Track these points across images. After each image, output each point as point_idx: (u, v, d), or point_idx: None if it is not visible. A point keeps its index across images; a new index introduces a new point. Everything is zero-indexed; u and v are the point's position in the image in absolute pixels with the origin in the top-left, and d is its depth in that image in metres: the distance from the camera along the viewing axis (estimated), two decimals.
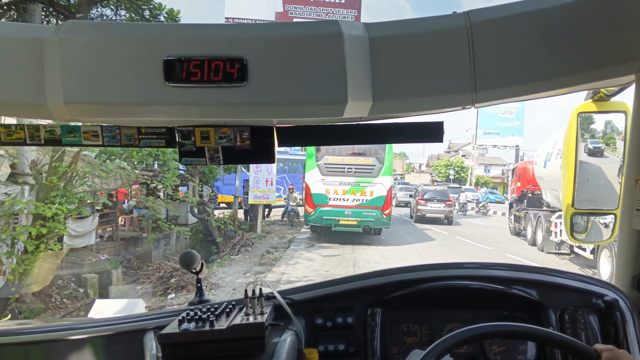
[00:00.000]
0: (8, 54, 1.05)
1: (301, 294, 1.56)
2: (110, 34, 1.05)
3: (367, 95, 1.09)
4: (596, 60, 1.09)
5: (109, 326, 1.52)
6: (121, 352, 1.48)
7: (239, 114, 1.11)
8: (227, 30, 1.07)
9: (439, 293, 1.52)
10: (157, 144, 1.29)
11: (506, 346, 1.47)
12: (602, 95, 1.70)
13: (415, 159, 72.30)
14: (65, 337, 1.50)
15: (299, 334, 1.42)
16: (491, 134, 41.42)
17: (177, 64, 1.02)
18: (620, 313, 1.38)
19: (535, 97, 1.21)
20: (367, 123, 1.29)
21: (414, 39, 1.10)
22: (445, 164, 54.78)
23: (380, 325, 1.50)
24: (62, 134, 1.25)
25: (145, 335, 1.45)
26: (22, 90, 1.06)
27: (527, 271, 1.53)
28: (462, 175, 52.16)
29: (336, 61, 1.04)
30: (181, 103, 1.05)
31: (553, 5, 1.08)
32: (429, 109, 1.20)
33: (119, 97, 1.04)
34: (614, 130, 2.00)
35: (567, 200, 1.88)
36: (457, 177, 51.69)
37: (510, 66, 1.10)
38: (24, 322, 3.97)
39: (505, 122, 40.59)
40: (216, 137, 1.25)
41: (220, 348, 1.24)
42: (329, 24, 1.05)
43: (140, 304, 5.08)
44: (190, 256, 1.62)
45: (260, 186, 15.48)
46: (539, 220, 13.86)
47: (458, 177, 51.88)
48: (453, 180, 49.43)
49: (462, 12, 1.12)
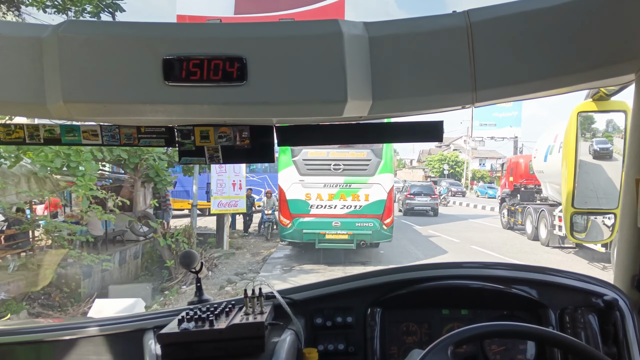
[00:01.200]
0: (7, 53, 1.05)
1: (301, 293, 1.56)
2: (109, 33, 1.05)
3: (367, 95, 1.09)
4: (596, 59, 1.09)
5: (109, 326, 1.52)
6: (121, 352, 1.48)
7: (239, 113, 1.11)
8: (227, 29, 1.07)
9: (439, 293, 1.52)
10: (156, 143, 1.29)
11: (506, 346, 1.47)
12: (602, 94, 1.70)
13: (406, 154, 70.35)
14: (65, 336, 1.50)
15: (299, 333, 1.42)
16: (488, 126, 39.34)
17: (176, 63, 1.02)
18: (620, 313, 1.38)
19: (535, 96, 1.21)
20: (366, 122, 1.29)
21: (413, 39, 1.10)
22: (439, 158, 52.90)
23: (379, 325, 1.50)
24: (61, 133, 1.25)
25: (145, 334, 1.45)
26: (22, 90, 1.06)
27: (526, 271, 1.53)
28: (457, 170, 50.49)
29: (336, 60, 1.04)
30: (181, 102, 1.05)
31: (553, 5, 1.08)
32: (428, 108, 1.20)
33: (119, 97, 1.04)
34: (615, 129, 1.99)
35: (567, 200, 1.88)
36: (452, 172, 50.01)
37: (510, 65, 1.10)
38: (23, 322, 3.98)
39: (503, 113, 39.20)
40: (216, 136, 1.25)
41: (220, 347, 1.24)
42: (329, 24, 1.05)
43: (139, 303, 5.10)
44: (190, 256, 1.62)
45: (226, 191, 12.18)
46: (542, 215, 13.72)
47: (453, 171, 50.20)
48: (448, 176, 48.16)
49: (461, 11, 1.12)
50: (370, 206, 10.47)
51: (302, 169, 10.47)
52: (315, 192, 10.47)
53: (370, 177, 10.39)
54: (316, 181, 10.45)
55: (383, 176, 10.46)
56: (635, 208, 1.32)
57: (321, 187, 10.46)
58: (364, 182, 10.41)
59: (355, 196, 10.50)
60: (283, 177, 10.62)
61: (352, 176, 10.42)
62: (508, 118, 39.14)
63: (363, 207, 10.49)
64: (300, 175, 10.46)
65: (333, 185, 10.47)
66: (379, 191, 10.43)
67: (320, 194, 10.46)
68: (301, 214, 10.51)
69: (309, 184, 10.47)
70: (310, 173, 10.43)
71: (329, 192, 10.48)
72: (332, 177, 10.42)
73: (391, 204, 10.65)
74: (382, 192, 10.42)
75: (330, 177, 10.43)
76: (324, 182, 10.45)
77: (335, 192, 10.47)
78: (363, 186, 10.44)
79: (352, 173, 10.42)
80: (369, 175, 10.39)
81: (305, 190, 10.49)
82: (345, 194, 10.47)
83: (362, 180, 10.41)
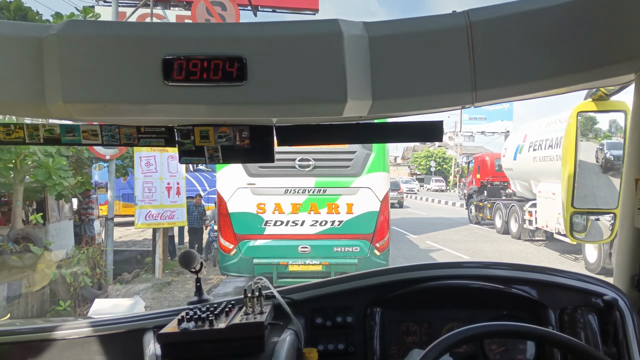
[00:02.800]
0: (7, 53, 1.05)
1: (301, 293, 1.56)
2: (109, 33, 1.05)
3: (367, 95, 1.09)
4: (596, 59, 1.09)
5: (108, 326, 1.52)
6: (120, 352, 1.48)
7: (239, 113, 1.11)
8: (227, 29, 1.07)
9: (439, 292, 1.52)
10: (156, 143, 1.30)
11: (505, 346, 1.47)
12: (601, 94, 1.70)
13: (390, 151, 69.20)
14: (65, 336, 1.50)
15: (299, 333, 1.42)
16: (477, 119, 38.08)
17: (176, 63, 1.02)
18: (620, 312, 1.38)
19: (535, 96, 1.21)
20: (366, 122, 1.29)
21: (413, 38, 1.10)
22: (425, 155, 52.25)
23: (379, 325, 1.50)
24: (61, 133, 1.25)
25: (145, 334, 1.45)
26: (21, 90, 1.06)
27: (526, 270, 1.53)
28: (444, 167, 49.79)
29: (335, 60, 1.04)
30: (180, 102, 1.05)
31: (553, 4, 1.08)
32: (428, 108, 1.20)
33: (118, 96, 1.04)
34: (618, 129, 1.98)
35: (567, 200, 1.88)
36: (439, 169, 49.31)
37: (509, 65, 1.10)
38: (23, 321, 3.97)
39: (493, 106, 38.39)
40: (215, 136, 1.25)
41: (220, 347, 1.24)
42: (329, 24, 1.05)
43: (139, 303, 5.08)
44: (189, 256, 1.62)
45: (157, 197, 9.14)
46: (512, 210, 14.98)
47: (440, 168, 49.55)
48: (435, 173, 47.86)
49: (461, 11, 1.12)
50: (356, 221, 6.89)
51: (251, 167, 6.85)
52: (271, 202, 6.88)
53: (355, 177, 6.90)
54: (273, 184, 6.85)
55: (374, 176, 6.91)
56: (634, 208, 1.32)
57: (281, 193, 6.87)
58: (345, 184, 6.90)
59: (333, 207, 6.91)
60: (223, 179, 6.98)
61: (328, 176, 6.89)
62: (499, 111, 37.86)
63: (344, 223, 6.91)
64: (249, 177, 6.85)
65: (299, 191, 6.89)
66: (369, 199, 6.88)
67: (280, 205, 6.88)
68: (251, 234, 6.92)
69: (263, 189, 6.87)
70: (265, 173, 6.82)
71: (292, 202, 6.89)
72: (298, 178, 6.84)
73: (386, 217, 7.03)
74: (373, 200, 6.89)
75: (294, 178, 6.85)
76: (286, 187, 6.87)
77: (302, 200, 6.88)
78: (345, 191, 6.91)
79: (328, 172, 6.88)
80: (353, 175, 6.89)
81: (256, 199, 6.86)
82: (318, 203, 6.88)
83: (343, 183, 6.90)
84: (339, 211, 6.95)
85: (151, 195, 9.15)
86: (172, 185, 9.35)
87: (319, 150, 6.89)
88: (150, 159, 9.14)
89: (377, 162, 6.95)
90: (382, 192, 6.95)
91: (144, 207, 9.10)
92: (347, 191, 6.93)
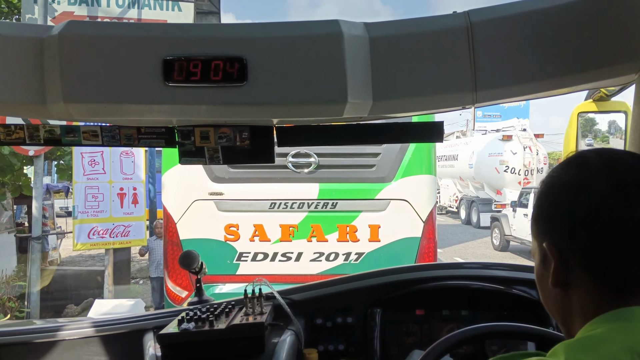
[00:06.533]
0: (7, 54, 1.05)
1: (301, 293, 1.56)
2: (109, 33, 1.05)
3: (367, 95, 1.10)
4: (597, 60, 1.09)
5: (109, 326, 1.52)
6: (120, 352, 1.48)
7: (239, 113, 1.11)
8: (227, 29, 1.07)
9: (439, 293, 1.52)
10: (156, 143, 1.30)
11: (506, 346, 1.47)
12: (602, 95, 1.69)
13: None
14: (65, 337, 1.50)
15: (299, 333, 1.42)
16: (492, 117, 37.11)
17: (176, 64, 1.02)
18: None
19: (536, 96, 1.21)
20: (367, 123, 1.29)
21: (414, 39, 1.10)
22: None
23: (380, 325, 1.50)
24: (61, 133, 1.25)
25: (145, 335, 1.45)
26: (22, 90, 1.06)
27: (527, 271, 1.53)
28: None
29: (336, 61, 1.04)
30: (181, 103, 1.05)
31: (553, 5, 1.08)
32: (429, 108, 1.20)
33: (119, 97, 1.04)
34: (617, 130, 1.98)
35: None
36: None
37: (510, 66, 1.10)
38: (23, 322, 3.97)
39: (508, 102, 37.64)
40: (216, 137, 1.25)
41: (220, 348, 1.24)
42: (329, 24, 1.05)
43: (139, 303, 5.09)
44: (189, 256, 1.62)
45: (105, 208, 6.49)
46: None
47: None
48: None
49: (462, 11, 1.12)
50: (385, 254, 3.88)
51: (217, 169, 3.82)
52: (249, 223, 3.89)
53: (383, 183, 3.90)
54: (252, 194, 3.86)
55: (414, 181, 3.92)
56: None
57: (264, 208, 3.85)
58: (368, 194, 3.90)
59: (348, 230, 3.93)
60: (171, 186, 4.03)
61: (340, 182, 3.91)
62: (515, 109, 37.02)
63: (366, 256, 3.91)
64: (214, 182, 3.85)
65: (293, 205, 3.87)
66: (406, 217, 3.87)
67: (263, 227, 3.90)
68: (216, 275, 3.83)
69: (235, 201, 3.86)
70: (238, 176, 3.86)
71: (283, 222, 3.90)
72: (292, 184, 3.85)
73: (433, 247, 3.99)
74: (412, 218, 3.87)
75: (286, 184, 3.85)
76: (272, 198, 3.86)
77: (298, 220, 3.88)
78: (367, 205, 3.91)
79: (340, 175, 3.92)
80: (380, 179, 3.91)
81: (224, 218, 3.86)
82: (324, 224, 3.91)
83: (365, 192, 3.91)
84: (357, 237, 3.96)
85: (97, 204, 6.43)
86: (127, 191, 6.58)
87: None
88: (96, 156, 6.42)
89: (417, 160, 3.99)
90: (426, 206, 3.98)
91: (87, 220, 6.38)
92: (370, 205, 3.93)
